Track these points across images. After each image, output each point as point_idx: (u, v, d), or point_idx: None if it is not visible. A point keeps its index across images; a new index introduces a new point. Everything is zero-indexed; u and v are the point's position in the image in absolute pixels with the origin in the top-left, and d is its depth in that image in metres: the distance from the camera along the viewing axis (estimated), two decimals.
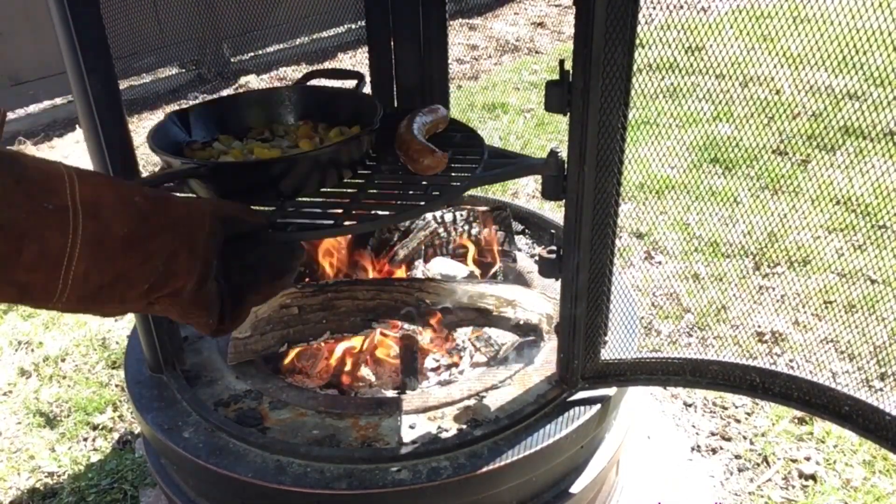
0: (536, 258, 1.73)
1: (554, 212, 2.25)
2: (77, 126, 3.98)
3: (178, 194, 1.08)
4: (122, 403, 2.36)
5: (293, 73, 3.92)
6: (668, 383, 1.52)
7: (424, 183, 1.30)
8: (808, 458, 2.08)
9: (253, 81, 3.82)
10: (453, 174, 1.33)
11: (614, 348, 1.49)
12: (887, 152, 3.17)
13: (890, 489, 1.98)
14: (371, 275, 1.86)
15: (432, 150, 1.31)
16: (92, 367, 2.50)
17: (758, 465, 2.08)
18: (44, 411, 2.34)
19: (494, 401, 1.48)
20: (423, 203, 1.26)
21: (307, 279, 1.83)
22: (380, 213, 1.25)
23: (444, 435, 1.39)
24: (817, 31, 1.18)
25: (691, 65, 1.44)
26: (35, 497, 2.08)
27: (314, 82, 1.56)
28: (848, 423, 1.35)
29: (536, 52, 4.98)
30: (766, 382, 1.41)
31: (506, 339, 1.68)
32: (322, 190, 1.27)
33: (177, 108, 1.41)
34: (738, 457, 2.10)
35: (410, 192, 1.29)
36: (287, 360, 1.67)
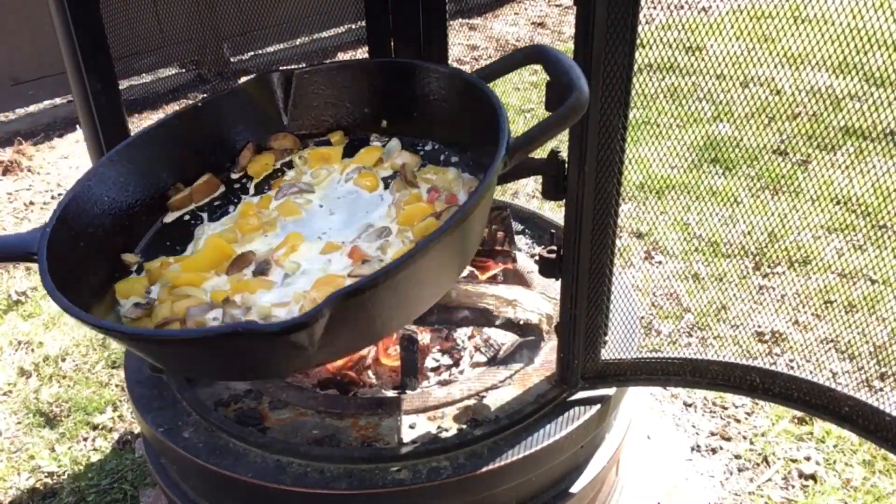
0: (536, 258, 1.73)
1: (554, 212, 2.25)
2: (77, 126, 3.98)
3: None
4: (122, 403, 2.36)
5: None
6: (668, 383, 1.52)
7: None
8: (807, 458, 2.08)
9: None
10: None
11: (614, 348, 1.49)
12: (887, 152, 3.16)
13: (890, 489, 1.98)
14: None
15: None
16: (92, 367, 2.50)
17: (758, 465, 2.08)
18: (44, 411, 2.34)
19: (494, 401, 1.47)
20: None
21: None
22: None
23: (444, 435, 1.39)
24: (817, 31, 1.18)
25: (691, 65, 1.44)
26: (35, 497, 2.08)
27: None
28: (848, 423, 1.35)
29: None
30: (766, 383, 1.41)
31: (506, 339, 1.68)
32: None
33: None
34: (737, 457, 2.10)
35: None
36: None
